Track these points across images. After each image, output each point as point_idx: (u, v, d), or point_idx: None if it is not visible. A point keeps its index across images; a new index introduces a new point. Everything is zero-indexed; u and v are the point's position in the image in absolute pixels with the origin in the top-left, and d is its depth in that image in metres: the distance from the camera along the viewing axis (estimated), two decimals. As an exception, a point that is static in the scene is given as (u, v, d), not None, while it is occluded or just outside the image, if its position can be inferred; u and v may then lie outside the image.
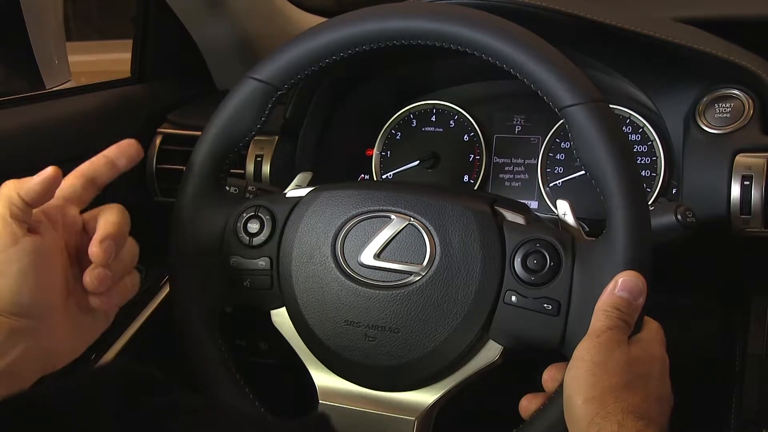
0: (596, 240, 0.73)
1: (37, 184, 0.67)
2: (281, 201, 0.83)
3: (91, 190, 0.75)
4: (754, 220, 0.91)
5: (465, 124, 1.18)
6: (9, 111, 1.09)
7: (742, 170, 0.91)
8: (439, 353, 0.75)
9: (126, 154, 0.76)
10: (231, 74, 1.36)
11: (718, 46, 0.94)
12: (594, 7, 0.95)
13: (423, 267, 0.76)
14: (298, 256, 0.80)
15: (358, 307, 0.77)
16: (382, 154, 1.22)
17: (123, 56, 1.36)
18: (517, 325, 0.73)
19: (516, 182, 1.15)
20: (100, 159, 0.75)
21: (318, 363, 0.81)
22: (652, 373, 0.68)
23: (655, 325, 0.72)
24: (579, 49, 0.96)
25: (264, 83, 0.81)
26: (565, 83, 0.71)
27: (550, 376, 0.74)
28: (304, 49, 0.80)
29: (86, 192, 0.74)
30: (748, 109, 0.94)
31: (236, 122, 0.82)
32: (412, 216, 0.78)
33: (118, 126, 1.20)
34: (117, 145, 0.76)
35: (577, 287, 0.72)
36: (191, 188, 0.83)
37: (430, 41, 0.76)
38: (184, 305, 0.82)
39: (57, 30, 1.49)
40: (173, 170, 1.19)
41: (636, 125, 1.07)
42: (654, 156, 1.06)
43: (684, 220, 0.82)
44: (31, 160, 1.05)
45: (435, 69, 1.18)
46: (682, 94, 1.00)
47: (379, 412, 0.79)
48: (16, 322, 0.65)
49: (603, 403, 0.64)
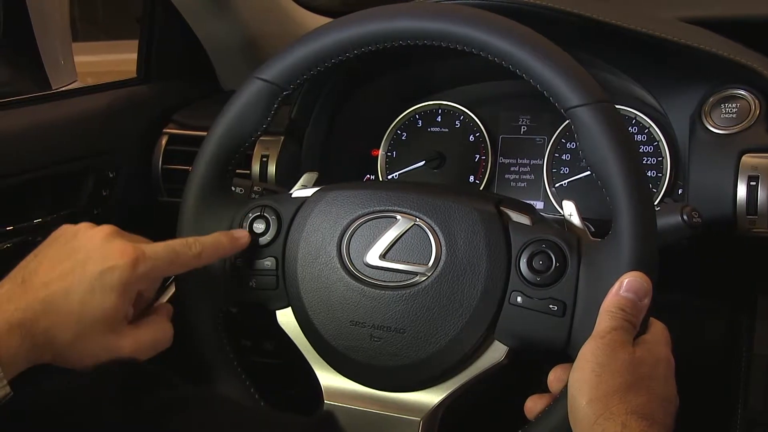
0: (602, 241, 0.73)
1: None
2: (287, 201, 0.83)
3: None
4: (760, 220, 0.90)
5: (471, 125, 1.18)
6: (16, 111, 1.09)
7: (748, 170, 0.91)
8: (445, 354, 0.75)
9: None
10: (236, 74, 1.36)
11: (725, 46, 0.94)
12: (600, 7, 0.95)
13: (429, 267, 0.76)
14: (304, 257, 0.80)
15: (364, 307, 0.77)
16: (388, 154, 1.22)
17: (129, 57, 1.37)
18: (522, 325, 0.73)
19: (521, 183, 1.15)
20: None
21: (323, 363, 0.81)
22: (657, 374, 0.68)
23: (660, 326, 0.72)
24: (584, 49, 0.96)
25: (270, 83, 0.81)
26: (571, 84, 0.71)
27: (556, 377, 0.74)
28: (310, 49, 0.80)
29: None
30: (754, 109, 0.94)
31: (242, 122, 0.82)
32: (417, 216, 0.78)
33: (124, 126, 1.20)
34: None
35: (583, 288, 0.71)
36: (197, 188, 0.83)
37: (435, 41, 0.76)
38: (190, 305, 0.82)
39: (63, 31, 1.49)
40: (179, 170, 1.19)
41: (642, 126, 1.07)
42: (660, 156, 1.06)
43: (690, 220, 0.82)
44: (38, 159, 1.06)
45: (441, 69, 1.18)
46: (688, 95, 0.99)
47: (385, 413, 0.79)
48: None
49: (607, 404, 0.64)
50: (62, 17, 1.50)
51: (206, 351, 0.83)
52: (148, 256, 0.71)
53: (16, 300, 0.66)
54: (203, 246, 0.77)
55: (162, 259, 0.73)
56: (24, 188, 1.04)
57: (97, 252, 0.70)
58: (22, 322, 0.65)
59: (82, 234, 0.72)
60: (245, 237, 0.81)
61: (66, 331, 0.67)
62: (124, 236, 0.73)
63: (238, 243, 0.81)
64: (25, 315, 0.65)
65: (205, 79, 1.37)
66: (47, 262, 0.70)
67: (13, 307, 0.65)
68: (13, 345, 0.64)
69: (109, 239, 0.71)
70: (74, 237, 0.72)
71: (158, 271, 0.73)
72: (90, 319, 0.68)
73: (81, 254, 0.70)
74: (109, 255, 0.70)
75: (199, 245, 0.76)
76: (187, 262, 0.75)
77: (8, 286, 0.68)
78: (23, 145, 1.04)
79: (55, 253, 0.71)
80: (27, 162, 1.04)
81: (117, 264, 0.69)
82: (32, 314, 0.66)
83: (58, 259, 0.70)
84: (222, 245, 0.79)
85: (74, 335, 0.67)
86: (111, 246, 0.70)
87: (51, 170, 1.07)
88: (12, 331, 0.64)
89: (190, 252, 0.75)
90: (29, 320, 0.65)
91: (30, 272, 0.69)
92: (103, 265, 0.69)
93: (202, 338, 0.83)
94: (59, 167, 1.09)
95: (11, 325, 0.64)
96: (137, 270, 0.70)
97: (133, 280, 0.70)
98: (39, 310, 0.66)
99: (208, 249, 0.77)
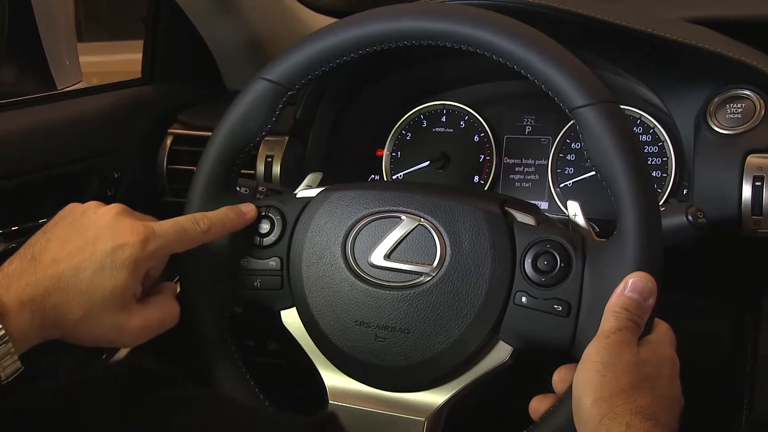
0: (607, 241, 0.73)
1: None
2: (291, 201, 0.83)
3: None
4: (765, 221, 0.90)
5: (475, 125, 1.18)
6: (21, 111, 1.09)
7: (753, 171, 0.91)
8: (450, 354, 0.75)
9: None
10: (241, 75, 1.36)
11: (730, 46, 0.94)
12: (604, 8, 0.95)
13: (433, 267, 0.76)
14: (309, 257, 0.80)
15: (369, 307, 0.77)
16: (393, 154, 1.22)
17: (134, 57, 1.37)
18: (527, 326, 0.73)
19: (526, 183, 1.15)
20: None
21: (328, 363, 0.81)
22: (662, 374, 0.68)
23: (665, 327, 0.72)
24: (589, 49, 0.96)
25: (274, 83, 0.81)
26: (576, 84, 0.71)
27: (560, 377, 0.74)
28: (315, 49, 0.80)
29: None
30: (759, 109, 0.94)
31: (246, 123, 0.82)
32: (422, 216, 0.78)
33: (128, 126, 1.20)
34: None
35: (588, 288, 0.71)
36: (202, 188, 0.83)
37: (440, 41, 0.76)
38: (195, 305, 0.82)
39: (68, 31, 1.50)
40: (184, 170, 1.19)
41: (647, 126, 1.07)
42: (665, 157, 1.06)
43: (695, 220, 0.81)
44: (43, 160, 1.06)
45: (445, 69, 1.18)
46: (693, 95, 0.99)
47: (389, 413, 0.79)
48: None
49: (611, 405, 0.63)
50: (67, 17, 1.50)
51: (210, 351, 0.83)
52: (157, 233, 0.72)
53: (27, 276, 0.66)
54: (211, 221, 0.77)
55: (171, 237, 0.73)
56: (29, 188, 1.04)
57: (107, 230, 0.70)
58: (32, 298, 0.65)
59: (91, 212, 0.73)
60: (252, 211, 0.82)
61: (76, 309, 0.67)
62: (134, 215, 0.74)
63: (245, 217, 0.81)
64: (35, 291, 0.65)
65: (210, 80, 1.37)
66: (57, 240, 0.70)
67: (24, 283, 0.66)
68: (23, 321, 0.64)
69: (119, 218, 0.72)
70: (83, 215, 0.72)
71: (168, 249, 0.74)
72: (100, 297, 0.68)
73: (91, 232, 0.70)
74: (120, 233, 0.70)
75: (207, 221, 0.77)
76: (196, 237, 0.76)
77: (18, 263, 0.68)
78: (28, 145, 1.04)
79: (65, 231, 0.71)
80: (32, 162, 1.04)
81: (127, 242, 0.70)
82: (42, 291, 0.66)
83: (68, 236, 0.70)
84: (230, 219, 0.79)
85: (84, 312, 0.67)
86: (121, 224, 0.71)
87: (56, 170, 1.07)
88: (23, 307, 0.64)
89: (198, 228, 0.76)
90: (39, 296, 0.65)
91: (39, 249, 0.69)
92: (113, 243, 0.69)
93: (207, 338, 0.83)
94: (64, 167, 1.09)
95: (22, 302, 0.65)
96: (147, 248, 0.70)
97: (144, 258, 0.70)
98: (49, 286, 0.66)
99: (216, 224, 0.78)
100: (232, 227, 0.80)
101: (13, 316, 0.63)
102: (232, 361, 0.83)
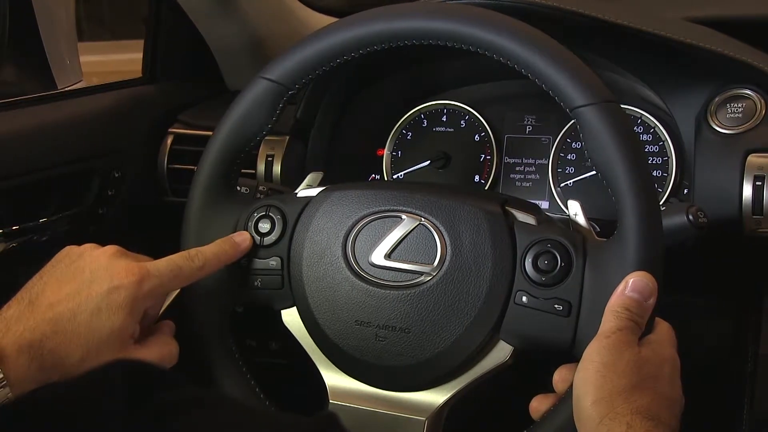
0: (607, 240, 0.73)
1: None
2: (292, 201, 0.83)
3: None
4: (766, 220, 0.90)
5: (476, 124, 1.18)
6: (21, 111, 1.09)
7: (754, 170, 0.91)
8: (450, 353, 0.75)
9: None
10: (242, 74, 1.36)
11: (731, 46, 0.94)
12: (605, 7, 0.95)
13: (434, 267, 0.76)
14: (309, 256, 0.80)
15: (369, 307, 0.77)
16: (393, 154, 1.22)
17: (134, 56, 1.37)
18: (527, 325, 0.73)
19: (527, 182, 1.15)
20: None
21: (328, 363, 0.81)
22: (662, 374, 0.68)
23: (665, 326, 0.72)
24: (590, 49, 0.96)
25: (275, 83, 0.81)
26: (577, 83, 0.71)
27: (561, 377, 0.74)
28: (316, 49, 0.80)
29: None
30: (760, 109, 0.94)
31: (247, 122, 0.82)
32: (423, 216, 0.78)
33: (129, 126, 1.20)
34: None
35: (588, 288, 0.71)
36: (202, 188, 0.83)
37: (441, 41, 0.76)
38: (195, 304, 0.83)
39: (69, 30, 1.49)
40: (184, 170, 1.19)
41: (647, 125, 1.07)
42: (665, 156, 1.06)
43: (696, 220, 0.81)
44: (43, 159, 1.06)
45: (446, 69, 1.18)
46: (693, 95, 0.99)
47: (390, 412, 0.79)
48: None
49: (612, 404, 0.63)
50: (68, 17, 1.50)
51: (211, 351, 0.83)
52: (152, 273, 0.72)
53: (24, 321, 0.66)
54: (206, 257, 0.77)
55: (166, 275, 0.73)
56: (29, 188, 1.04)
57: (102, 272, 0.70)
58: (30, 343, 0.65)
59: (87, 254, 0.72)
60: (247, 240, 0.82)
61: (74, 352, 0.67)
62: (128, 255, 0.74)
63: (240, 248, 0.81)
64: (33, 336, 0.65)
65: (211, 79, 1.37)
66: (53, 283, 0.70)
67: (22, 327, 0.66)
68: (21, 366, 0.64)
69: (114, 259, 0.72)
70: (79, 257, 0.72)
71: (163, 288, 0.74)
72: (97, 340, 0.68)
73: (86, 274, 0.70)
74: (115, 274, 0.70)
75: (201, 257, 0.77)
76: (191, 274, 0.76)
77: (15, 307, 0.68)
78: (28, 145, 1.04)
79: (61, 273, 0.71)
80: (32, 162, 1.04)
81: (123, 283, 0.69)
82: (40, 335, 0.66)
83: (64, 279, 0.70)
84: (224, 252, 0.79)
85: (82, 355, 0.67)
86: (116, 265, 0.71)
87: (56, 170, 1.07)
88: (21, 351, 0.64)
89: (193, 265, 0.76)
90: (37, 341, 0.65)
91: (36, 293, 0.69)
92: (109, 284, 0.69)
93: (207, 338, 0.83)
94: (64, 167, 1.09)
95: (20, 346, 0.64)
96: (143, 288, 0.70)
97: (140, 298, 0.70)
98: (47, 331, 0.66)
99: (211, 259, 0.78)
100: (227, 260, 0.80)
101: (12, 361, 0.63)
102: (233, 361, 0.83)
